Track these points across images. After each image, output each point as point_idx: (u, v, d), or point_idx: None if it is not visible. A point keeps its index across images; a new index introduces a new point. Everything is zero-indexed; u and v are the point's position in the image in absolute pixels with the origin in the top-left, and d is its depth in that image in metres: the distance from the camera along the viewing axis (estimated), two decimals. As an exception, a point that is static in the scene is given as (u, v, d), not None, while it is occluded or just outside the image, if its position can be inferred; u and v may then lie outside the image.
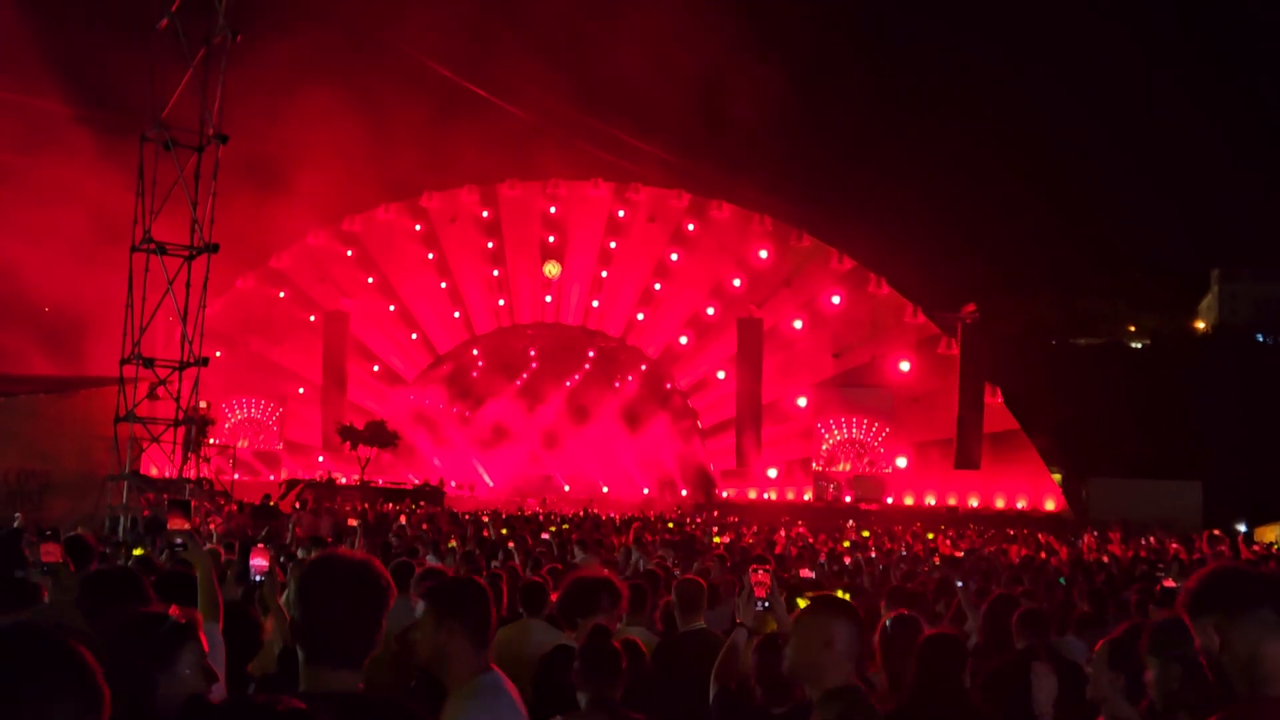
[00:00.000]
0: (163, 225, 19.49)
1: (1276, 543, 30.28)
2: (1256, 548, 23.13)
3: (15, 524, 11.97)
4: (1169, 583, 8.92)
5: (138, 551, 10.15)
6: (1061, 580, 11.45)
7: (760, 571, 5.18)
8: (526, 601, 6.59)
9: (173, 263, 19.34)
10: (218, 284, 25.21)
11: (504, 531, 14.86)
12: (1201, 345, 65.75)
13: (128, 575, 4.87)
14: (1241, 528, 32.76)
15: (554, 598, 7.02)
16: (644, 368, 48.82)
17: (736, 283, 43.91)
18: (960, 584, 8.74)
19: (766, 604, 5.09)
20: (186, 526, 5.14)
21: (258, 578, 5.65)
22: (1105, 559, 16.71)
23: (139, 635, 3.05)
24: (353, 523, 14.22)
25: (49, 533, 5.07)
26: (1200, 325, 73.79)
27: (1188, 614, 3.04)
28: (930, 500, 41.31)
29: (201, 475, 22.01)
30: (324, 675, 2.86)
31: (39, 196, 29.97)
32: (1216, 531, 23.35)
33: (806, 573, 9.99)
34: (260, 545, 6.32)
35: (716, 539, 18.67)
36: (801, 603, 5.34)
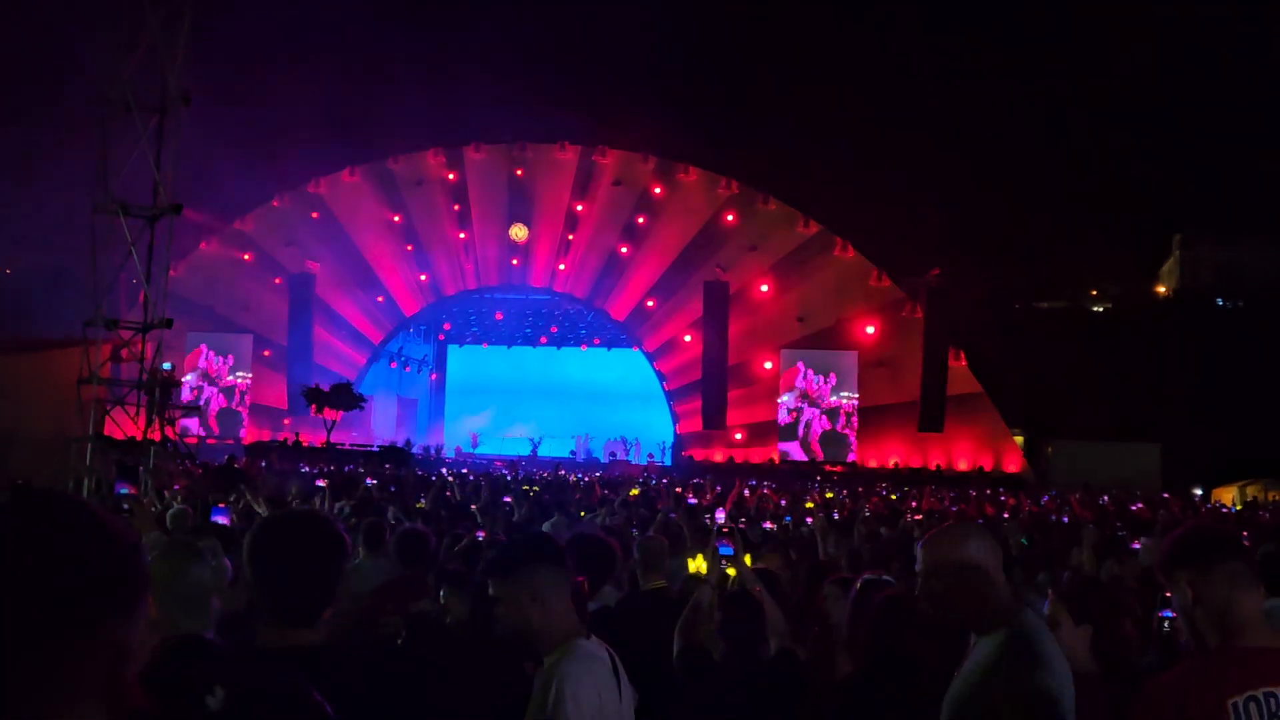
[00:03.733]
0: (125, 187, 19.34)
1: (1234, 505, 30.74)
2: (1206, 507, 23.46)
3: None
4: (1136, 544, 9.04)
5: None
6: (1025, 541, 11.58)
7: (725, 527, 5.27)
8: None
9: (136, 225, 19.21)
10: (181, 247, 25.07)
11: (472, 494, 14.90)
12: (1163, 309, 66.30)
13: None
14: (1198, 492, 33.22)
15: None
16: (610, 331, 48.84)
17: (703, 246, 43.90)
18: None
19: (730, 564, 5.18)
20: (134, 491, 5.18)
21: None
22: (1066, 519, 16.93)
23: None
24: (322, 483, 14.21)
25: (20, 483, 5.09)
26: (1161, 289, 74.36)
27: (1163, 573, 3.18)
28: (894, 462, 41.65)
29: (166, 437, 21.94)
30: (282, 632, 2.87)
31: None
32: (1166, 495, 23.70)
33: (768, 525, 10.13)
34: (223, 504, 6.38)
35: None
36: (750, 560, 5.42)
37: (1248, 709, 2.87)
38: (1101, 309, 68.74)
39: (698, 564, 6.03)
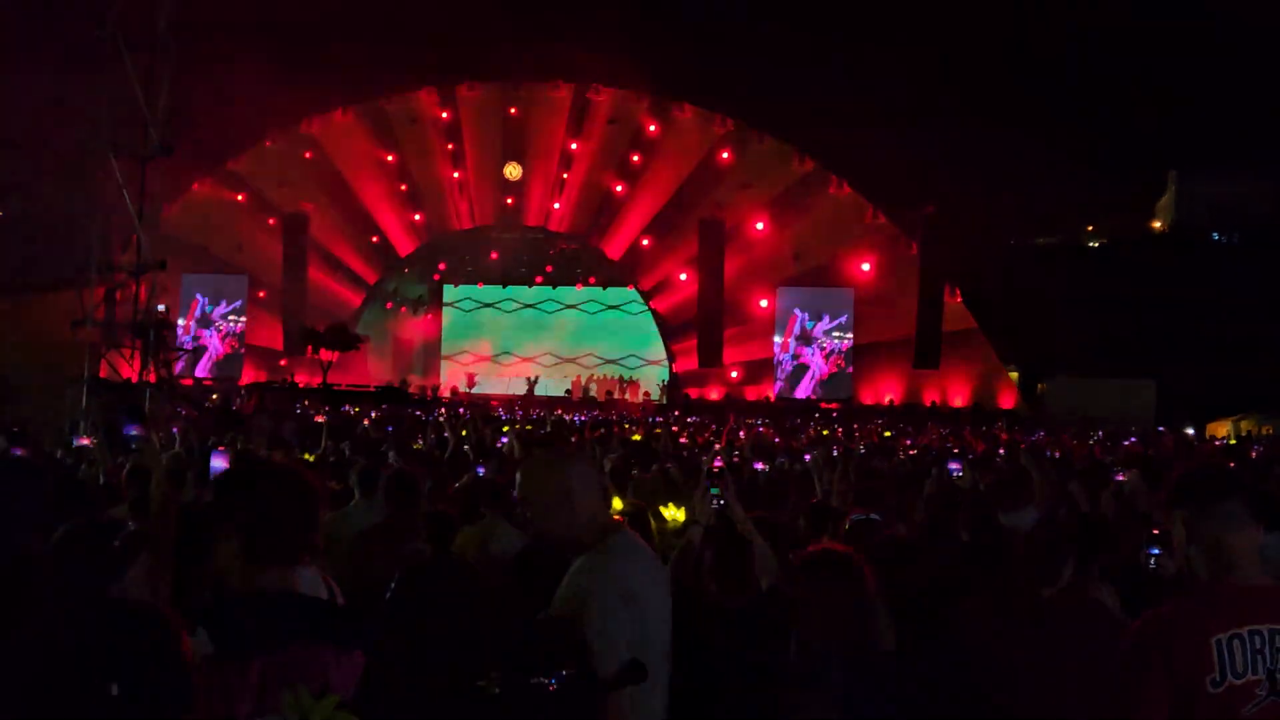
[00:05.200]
0: (117, 129, 19.21)
1: (1227, 438, 30.89)
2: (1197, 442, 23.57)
3: None
4: (1121, 477, 9.07)
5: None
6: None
7: (717, 469, 5.28)
8: (489, 501, 6.68)
9: (128, 167, 19.11)
10: (173, 188, 24.95)
11: (463, 433, 14.91)
12: (1158, 245, 66.25)
13: None
14: (1190, 431, 33.29)
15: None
16: (606, 269, 48.79)
17: (698, 184, 43.74)
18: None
19: (723, 500, 5.20)
20: (142, 430, 5.18)
21: (219, 480, 5.69)
22: (1058, 453, 16.99)
23: (92, 542, 3.04)
24: (320, 419, 14.25)
25: (16, 430, 5.09)
26: (1157, 225, 74.25)
27: (1163, 511, 3.23)
28: (889, 399, 41.77)
29: (162, 379, 21.95)
30: (262, 575, 2.82)
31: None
32: (1161, 429, 23.79)
33: (760, 465, 10.13)
34: (221, 447, 6.37)
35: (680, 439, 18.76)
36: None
37: (1231, 647, 2.90)
38: (1097, 245, 68.69)
39: (672, 513, 6.02)
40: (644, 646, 3.37)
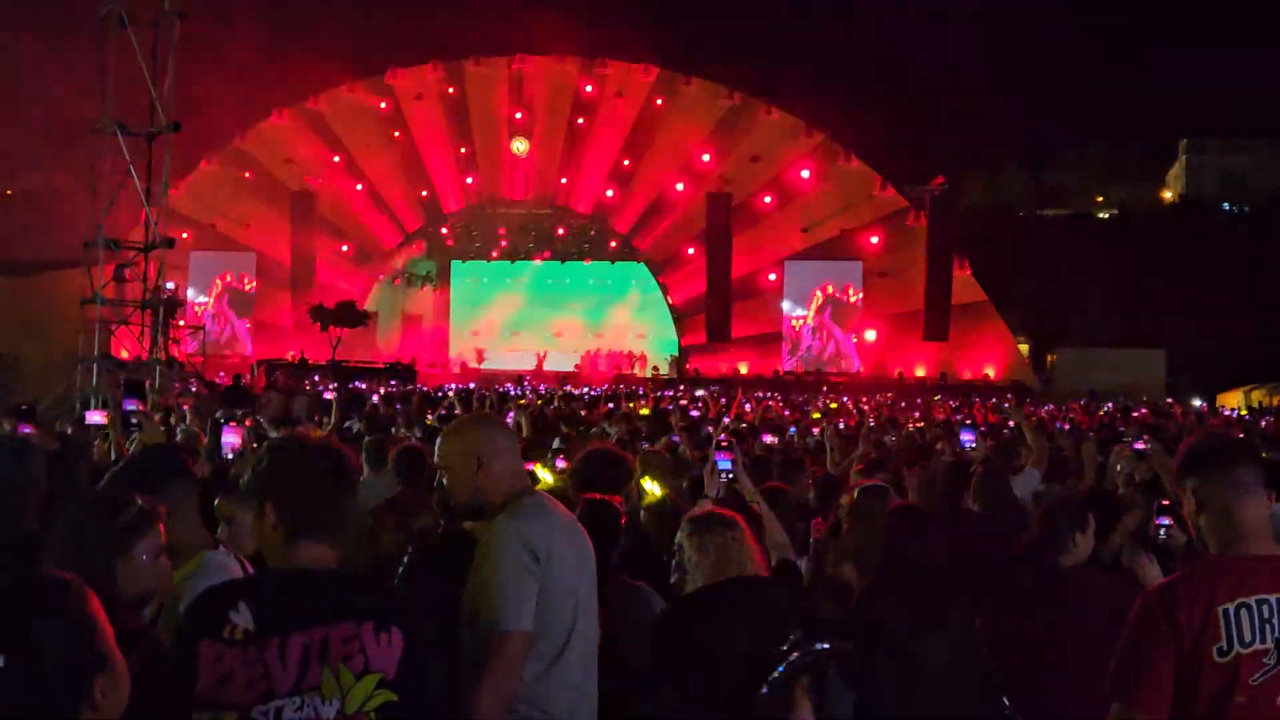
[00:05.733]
0: (124, 107, 19.20)
1: (1238, 409, 30.81)
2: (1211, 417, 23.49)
3: None
4: (1139, 444, 9.04)
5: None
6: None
7: (725, 440, 5.27)
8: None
9: (135, 145, 19.09)
10: (181, 166, 24.91)
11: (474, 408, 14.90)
12: (1168, 216, 65.92)
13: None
14: (1197, 402, 33.26)
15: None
16: (614, 245, 48.70)
17: (706, 158, 43.59)
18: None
19: (731, 474, 5.20)
20: (142, 406, 5.19)
21: (230, 455, 5.70)
22: (1066, 425, 16.98)
23: (100, 519, 3.04)
24: (329, 396, 14.26)
25: (24, 408, 5.10)
26: (1167, 196, 73.88)
27: (1174, 481, 3.22)
28: (898, 372, 41.69)
29: (171, 356, 21.99)
30: (300, 550, 2.79)
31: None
32: (1169, 401, 23.68)
33: (769, 438, 10.14)
34: (233, 423, 6.39)
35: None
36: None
37: (1238, 616, 2.89)
38: (1106, 215, 68.39)
39: (650, 486, 5.95)
40: (553, 607, 3.37)
